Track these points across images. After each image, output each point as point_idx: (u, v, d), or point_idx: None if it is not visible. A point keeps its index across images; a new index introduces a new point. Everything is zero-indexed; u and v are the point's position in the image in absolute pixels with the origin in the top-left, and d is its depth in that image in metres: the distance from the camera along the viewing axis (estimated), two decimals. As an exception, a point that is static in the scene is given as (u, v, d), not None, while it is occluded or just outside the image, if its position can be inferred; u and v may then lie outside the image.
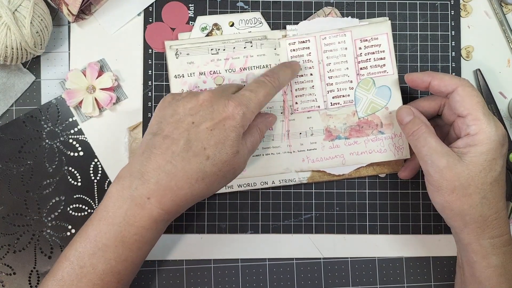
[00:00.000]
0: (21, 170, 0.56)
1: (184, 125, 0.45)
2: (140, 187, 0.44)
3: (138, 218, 0.44)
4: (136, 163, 0.45)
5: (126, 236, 0.44)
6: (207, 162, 0.44)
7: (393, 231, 0.57)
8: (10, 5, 0.49)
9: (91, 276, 0.44)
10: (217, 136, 0.45)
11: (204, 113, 0.45)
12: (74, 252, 0.45)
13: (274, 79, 0.49)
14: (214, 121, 0.45)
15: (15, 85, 0.56)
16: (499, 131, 0.46)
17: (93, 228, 0.45)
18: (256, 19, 0.56)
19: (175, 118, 0.46)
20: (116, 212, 0.44)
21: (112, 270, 0.45)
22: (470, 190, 0.46)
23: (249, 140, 0.48)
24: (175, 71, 0.55)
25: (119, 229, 0.44)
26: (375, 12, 0.57)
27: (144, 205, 0.44)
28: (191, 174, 0.44)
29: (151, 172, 0.44)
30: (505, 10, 0.58)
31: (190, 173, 0.44)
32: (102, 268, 0.44)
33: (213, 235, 0.56)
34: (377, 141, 0.55)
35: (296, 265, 0.57)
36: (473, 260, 0.48)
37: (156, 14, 0.57)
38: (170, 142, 0.45)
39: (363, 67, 0.56)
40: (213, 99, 0.46)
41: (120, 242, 0.44)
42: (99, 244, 0.44)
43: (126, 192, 0.44)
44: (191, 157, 0.44)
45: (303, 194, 0.57)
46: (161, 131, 0.45)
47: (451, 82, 0.48)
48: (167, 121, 0.46)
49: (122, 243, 0.44)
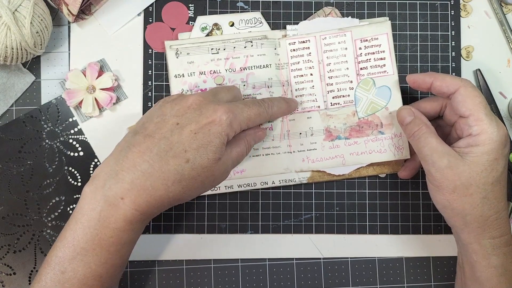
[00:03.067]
0: (21, 170, 0.56)
1: (168, 126, 0.44)
2: (113, 186, 0.43)
3: (112, 220, 0.43)
4: (111, 161, 0.44)
5: (102, 238, 0.43)
6: (186, 165, 0.43)
7: (393, 231, 0.57)
8: (10, 5, 0.49)
9: (73, 281, 0.43)
10: (200, 140, 0.44)
11: (191, 115, 0.44)
12: (55, 258, 0.44)
13: (269, 106, 0.49)
14: (199, 125, 0.44)
15: (15, 85, 0.56)
16: (501, 132, 0.47)
17: (71, 232, 0.44)
18: (256, 19, 0.56)
19: (161, 118, 0.45)
20: (90, 214, 0.43)
21: (93, 274, 0.44)
22: (471, 190, 0.46)
23: (235, 151, 0.48)
24: (175, 71, 0.55)
25: (95, 231, 0.43)
26: (375, 12, 0.57)
27: (118, 205, 0.43)
28: (168, 176, 0.43)
29: (126, 171, 0.43)
30: (505, 10, 0.58)
31: (167, 174, 0.43)
32: (82, 272, 0.43)
33: (213, 235, 0.56)
34: (377, 141, 0.55)
35: (296, 265, 0.57)
36: (473, 260, 0.48)
37: (156, 14, 0.57)
38: (150, 141, 0.44)
39: (363, 67, 0.56)
40: (202, 103, 0.45)
41: (97, 245, 0.43)
42: (77, 248, 0.43)
43: (99, 193, 0.43)
44: (170, 158, 0.43)
45: (303, 194, 0.57)
46: (143, 130, 0.45)
47: (453, 82, 0.48)
48: (152, 121, 0.45)
49: (99, 246, 0.43)
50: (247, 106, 0.47)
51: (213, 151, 0.44)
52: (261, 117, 0.48)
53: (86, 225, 0.43)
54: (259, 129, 0.52)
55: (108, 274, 0.45)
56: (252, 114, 0.47)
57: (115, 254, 0.44)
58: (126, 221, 0.43)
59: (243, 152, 0.49)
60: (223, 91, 0.49)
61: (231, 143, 0.47)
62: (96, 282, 0.44)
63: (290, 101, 0.54)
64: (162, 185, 0.43)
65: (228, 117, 0.44)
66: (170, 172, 0.43)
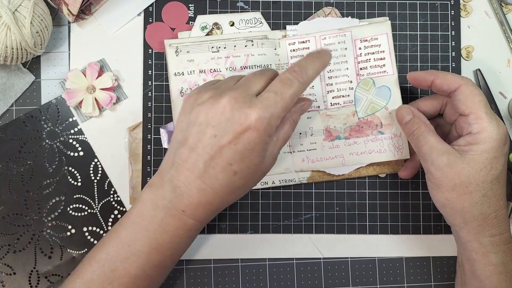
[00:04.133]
0: (21, 170, 0.56)
1: (207, 138, 0.43)
2: (174, 200, 0.44)
3: (173, 227, 0.44)
4: (166, 174, 0.45)
5: (160, 243, 0.44)
6: (235, 177, 0.43)
7: (393, 231, 0.57)
8: (10, 5, 0.49)
9: (123, 280, 0.44)
10: (242, 151, 0.42)
11: (225, 125, 0.42)
12: (106, 256, 0.45)
13: (302, 74, 0.44)
14: (235, 134, 0.42)
15: (15, 85, 0.56)
16: (501, 130, 0.47)
17: (127, 233, 0.45)
18: (256, 19, 0.56)
19: (197, 128, 0.43)
20: (151, 220, 0.44)
21: (144, 275, 0.45)
22: (471, 188, 0.46)
23: (281, 135, 0.46)
24: (174, 69, 0.55)
25: (154, 236, 0.44)
26: (375, 12, 0.57)
27: (180, 216, 0.44)
28: (220, 190, 0.44)
29: (182, 187, 0.44)
30: (505, 10, 0.58)
31: (219, 189, 0.44)
32: (134, 273, 0.44)
33: (213, 235, 0.56)
34: (376, 141, 0.55)
35: (296, 265, 0.57)
36: (473, 258, 0.48)
37: (156, 14, 0.57)
38: (196, 156, 0.43)
39: (363, 67, 0.56)
40: (234, 107, 0.42)
41: (154, 249, 0.44)
42: (133, 250, 0.44)
43: (160, 202, 0.44)
44: (218, 173, 0.43)
45: (303, 194, 0.57)
46: (186, 141, 0.44)
47: (454, 80, 0.48)
48: (190, 130, 0.44)
49: (156, 250, 0.44)
50: (279, 95, 0.43)
51: (257, 156, 0.43)
52: (298, 94, 0.44)
53: (145, 228, 0.44)
54: (304, 101, 0.49)
55: (157, 276, 0.46)
56: (288, 99, 0.43)
57: (169, 257, 0.46)
58: (185, 229, 0.45)
59: (289, 132, 0.47)
60: (258, 81, 0.45)
61: None
62: (146, 283, 0.45)
63: (321, 55, 0.47)
64: (217, 198, 0.44)
65: (263, 120, 0.42)
66: (221, 186, 0.43)
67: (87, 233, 0.56)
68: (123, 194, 0.56)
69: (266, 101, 0.43)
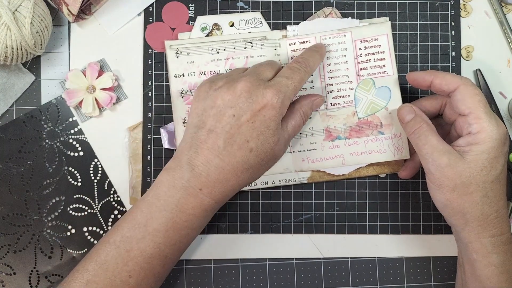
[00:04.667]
0: (21, 170, 0.56)
1: (226, 118, 0.46)
2: (192, 179, 0.46)
3: (190, 206, 0.46)
4: (184, 156, 0.47)
5: (177, 222, 0.46)
6: (251, 154, 0.46)
7: (393, 231, 0.57)
8: (10, 5, 0.49)
9: (138, 260, 0.45)
10: (258, 128, 0.46)
11: (243, 104, 0.46)
12: (121, 237, 0.46)
13: (306, 65, 0.50)
14: (253, 112, 0.46)
15: (15, 85, 0.56)
16: (500, 130, 0.47)
17: (143, 214, 0.46)
18: (256, 19, 0.56)
19: (215, 110, 0.47)
20: (168, 199, 0.46)
21: (160, 254, 0.46)
22: (471, 189, 0.46)
23: (290, 125, 0.49)
24: (175, 71, 0.55)
25: (171, 215, 0.46)
26: (375, 12, 0.57)
27: (197, 195, 0.46)
28: (237, 167, 0.46)
29: (201, 166, 0.46)
30: (505, 10, 0.58)
31: (236, 166, 0.46)
32: (150, 252, 0.46)
33: (213, 235, 0.56)
34: (377, 141, 0.55)
35: (296, 265, 0.57)
36: (473, 258, 0.48)
37: (156, 14, 0.57)
38: (215, 136, 0.46)
39: (363, 67, 0.56)
40: (251, 89, 0.46)
41: (171, 227, 0.46)
42: (149, 229, 0.46)
43: (178, 183, 0.46)
44: (236, 150, 0.46)
45: (303, 194, 0.57)
46: (203, 125, 0.47)
47: (453, 80, 0.48)
48: (208, 113, 0.47)
49: (173, 229, 0.46)
50: (289, 78, 0.48)
51: (271, 134, 0.46)
52: (304, 80, 0.49)
53: (162, 208, 0.46)
54: (316, 96, 0.52)
55: (172, 256, 0.47)
56: (297, 83, 0.48)
57: (185, 237, 0.47)
58: (202, 208, 0.46)
59: (300, 124, 0.50)
60: (267, 69, 0.49)
61: (285, 118, 0.49)
62: (160, 262, 0.46)
63: (319, 49, 0.53)
64: (233, 176, 0.46)
65: (278, 98, 0.46)
66: (238, 163, 0.46)
67: (87, 233, 0.56)
68: (123, 194, 0.56)
69: (279, 84, 0.47)
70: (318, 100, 0.52)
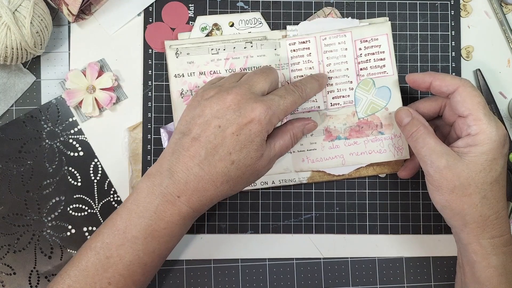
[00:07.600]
0: (21, 170, 0.56)
1: (211, 129, 0.46)
2: (170, 186, 0.46)
3: (168, 213, 0.46)
4: (165, 162, 0.47)
5: (155, 229, 0.46)
6: (232, 166, 0.46)
7: (393, 231, 0.57)
8: (10, 5, 0.49)
9: (118, 267, 0.45)
10: (243, 141, 0.46)
11: (231, 117, 0.46)
12: (101, 244, 0.46)
13: (302, 90, 0.50)
14: (239, 125, 0.46)
15: (15, 85, 0.56)
16: (500, 131, 0.47)
17: (122, 221, 0.46)
18: (256, 19, 0.56)
19: (202, 119, 0.46)
20: (147, 206, 0.46)
21: (139, 262, 0.46)
22: (470, 190, 0.46)
23: (278, 144, 0.49)
24: (175, 71, 0.55)
25: (150, 222, 0.45)
26: (375, 12, 0.57)
27: (175, 202, 0.46)
28: (217, 178, 0.46)
29: (180, 173, 0.46)
30: (505, 10, 0.58)
31: (216, 177, 0.46)
32: (129, 259, 0.45)
33: (213, 235, 0.57)
34: (376, 141, 0.55)
35: (296, 265, 0.57)
36: (473, 260, 0.48)
37: (156, 14, 0.57)
38: (198, 145, 0.46)
39: (363, 67, 0.56)
40: (240, 102, 0.46)
41: (149, 234, 0.46)
42: (128, 236, 0.45)
43: (157, 189, 0.46)
44: (217, 161, 0.46)
45: (303, 194, 0.57)
46: (189, 132, 0.47)
47: (452, 82, 0.48)
48: (195, 121, 0.47)
49: (151, 236, 0.46)
50: (282, 98, 0.48)
51: (255, 149, 0.46)
52: (297, 104, 0.49)
53: (141, 215, 0.46)
54: (309, 121, 0.52)
55: (152, 263, 0.47)
56: (289, 105, 0.48)
57: (164, 245, 0.47)
58: (180, 216, 0.46)
59: (288, 145, 0.50)
60: (260, 80, 0.49)
61: (274, 135, 0.49)
62: (140, 270, 0.46)
63: (320, 78, 0.53)
64: (212, 186, 0.46)
65: (266, 115, 0.46)
66: (218, 174, 0.46)
67: (87, 233, 0.56)
68: (123, 194, 0.56)
69: (270, 101, 0.47)
70: (310, 125, 0.52)
